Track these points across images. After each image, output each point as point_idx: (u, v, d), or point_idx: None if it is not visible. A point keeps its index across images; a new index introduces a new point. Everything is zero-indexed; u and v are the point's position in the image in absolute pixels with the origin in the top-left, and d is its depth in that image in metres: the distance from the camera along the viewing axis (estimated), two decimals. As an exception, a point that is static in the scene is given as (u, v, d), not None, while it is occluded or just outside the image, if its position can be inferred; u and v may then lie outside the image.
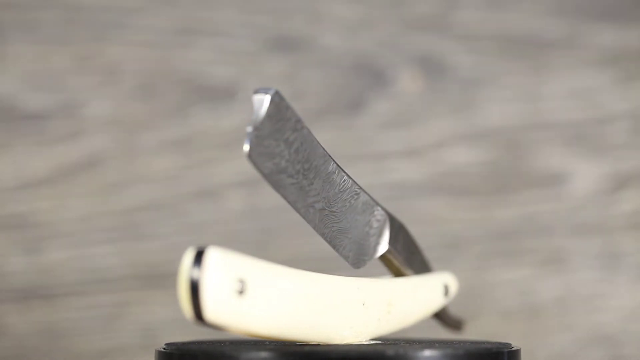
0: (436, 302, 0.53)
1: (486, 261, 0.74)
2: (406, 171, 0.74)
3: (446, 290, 0.53)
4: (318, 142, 0.46)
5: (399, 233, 0.51)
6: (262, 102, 0.44)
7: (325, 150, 0.47)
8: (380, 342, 0.49)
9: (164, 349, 0.48)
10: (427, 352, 0.45)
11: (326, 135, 0.73)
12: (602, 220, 0.75)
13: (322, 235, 0.47)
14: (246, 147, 0.43)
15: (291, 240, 0.72)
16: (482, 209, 0.75)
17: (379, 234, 0.50)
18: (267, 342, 0.48)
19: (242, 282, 0.42)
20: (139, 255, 0.72)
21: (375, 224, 0.49)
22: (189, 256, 0.41)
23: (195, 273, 0.40)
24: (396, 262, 0.51)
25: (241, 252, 0.43)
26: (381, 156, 0.74)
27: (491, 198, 0.75)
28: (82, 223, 0.72)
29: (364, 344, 0.47)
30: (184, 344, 0.49)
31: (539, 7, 0.76)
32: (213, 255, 0.41)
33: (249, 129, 0.43)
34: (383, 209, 0.50)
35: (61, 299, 0.71)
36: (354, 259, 0.49)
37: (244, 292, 0.42)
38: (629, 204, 0.75)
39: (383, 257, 0.50)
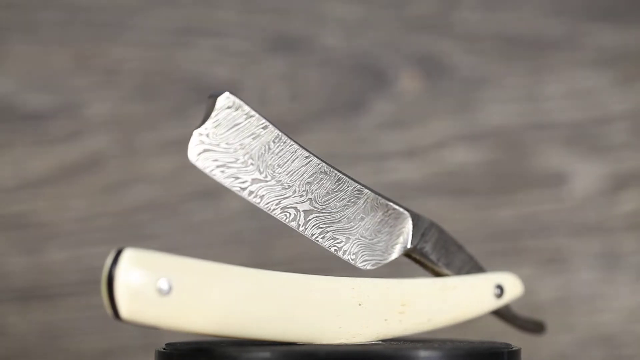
0: (484, 303, 0.51)
1: (486, 261, 0.74)
2: (406, 171, 0.74)
3: (500, 292, 0.52)
4: (297, 143, 0.46)
5: (428, 233, 0.49)
6: (212, 106, 0.44)
7: (312, 152, 0.46)
8: (380, 342, 0.48)
9: (164, 349, 0.48)
10: (427, 352, 0.45)
11: (326, 136, 0.73)
12: (602, 220, 0.75)
13: (311, 235, 0.47)
14: (189, 152, 0.44)
15: (291, 240, 0.72)
16: (482, 209, 0.75)
17: (398, 234, 0.49)
18: (267, 343, 0.48)
19: (167, 281, 0.43)
20: (139, 255, 0.71)
21: (391, 223, 0.48)
22: (110, 256, 0.43)
23: (112, 272, 0.42)
24: (428, 263, 0.50)
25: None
26: (381, 156, 0.74)
27: (491, 198, 0.75)
28: (82, 223, 0.72)
29: (352, 344, 0.47)
30: (184, 344, 0.49)
31: (539, 7, 0.76)
32: (128, 255, 0.43)
33: (194, 133, 0.43)
34: (405, 208, 0.49)
35: (61, 299, 0.71)
36: (362, 259, 0.48)
37: (171, 291, 0.43)
38: (629, 204, 0.75)
39: (412, 258, 0.50)
